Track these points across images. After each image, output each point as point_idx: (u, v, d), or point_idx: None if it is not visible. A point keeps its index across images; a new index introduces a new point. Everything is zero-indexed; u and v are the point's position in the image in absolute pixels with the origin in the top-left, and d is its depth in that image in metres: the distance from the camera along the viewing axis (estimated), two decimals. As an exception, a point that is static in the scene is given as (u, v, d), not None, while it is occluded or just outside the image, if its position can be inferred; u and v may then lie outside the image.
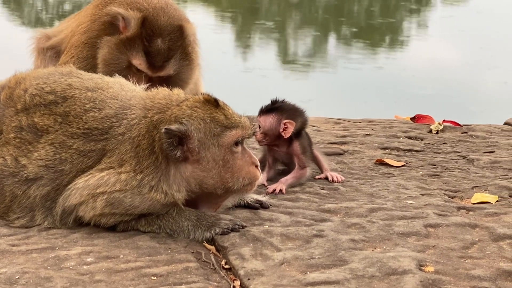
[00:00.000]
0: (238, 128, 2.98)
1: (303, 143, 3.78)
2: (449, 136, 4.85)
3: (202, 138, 2.92)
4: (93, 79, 3.28)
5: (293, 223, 3.13)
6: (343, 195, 3.57)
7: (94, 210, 2.96)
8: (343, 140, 4.67)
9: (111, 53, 4.08)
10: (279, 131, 3.69)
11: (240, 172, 2.99)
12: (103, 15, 4.19)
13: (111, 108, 3.09)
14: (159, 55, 4.06)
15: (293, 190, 3.60)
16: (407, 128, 5.01)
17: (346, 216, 3.26)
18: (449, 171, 4.05)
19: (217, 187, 2.98)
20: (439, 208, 3.40)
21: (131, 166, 2.94)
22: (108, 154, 3.01)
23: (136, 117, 3.01)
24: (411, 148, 4.52)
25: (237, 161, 2.99)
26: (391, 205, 3.39)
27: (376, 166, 4.13)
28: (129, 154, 2.96)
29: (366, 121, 5.28)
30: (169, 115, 2.95)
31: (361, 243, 2.96)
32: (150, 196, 2.93)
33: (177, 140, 2.89)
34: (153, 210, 2.98)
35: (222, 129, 2.95)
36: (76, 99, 3.14)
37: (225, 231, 2.98)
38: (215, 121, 2.95)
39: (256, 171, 3.05)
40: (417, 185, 3.77)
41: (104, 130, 3.05)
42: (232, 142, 2.97)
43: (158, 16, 4.10)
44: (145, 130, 2.96)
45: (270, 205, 3.33)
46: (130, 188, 2.92)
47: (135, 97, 3.12)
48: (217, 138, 2.94)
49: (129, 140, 2.97)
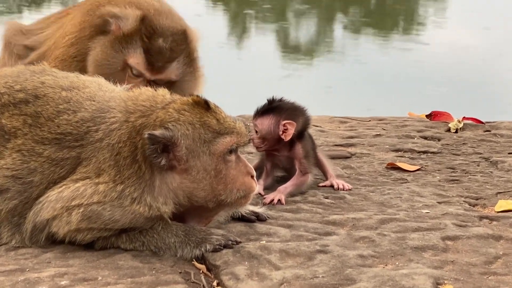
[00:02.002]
0: (233, 134, 2.97)
1: (306, 145, 3.78)
2: (469, 136, 4.85)
3: (191, 145, 2.92)
4: (68, 77, 3.28)
5: (294, 238, 3.13)
6: (350, 205, 3.57)
7: (69, 225, 2.95)
8: (350, 141, 4.67)
9: (105, 52, 4.07)
10: (279, 133, 3.70)
11: (234, 184, 2.99)
12: (95, 18, 4.18)
13: (87, 111, 3.09)
14: (160, 55, 4.06)
15: (293, 199, 3.60)
16: (423, 127, 5.01)
17: (354, 228, 3.26)
18: (470, 176, 4.06)
19: (208, 199, 2.98)
20: (459, 218, 3.40)
21: (110, 176, 2.94)
22: (84, 162, 3.01)
23: (117, 121, 3.00)
24: (427, 150, 4.52)
25: (231, 171, 2.99)
26: (404, 216, 3.39)
27: (387, 171, 4.14)
28: (108, 163, 2.96)
29: (375, 119, 5.28)
30: (154, 119, 2.94)
31: (370, 259, 2.96)
32: (132, 209, 2.93)
33: (162, 147, 2.89)
34: (136, 224, 2.98)
35: (214, 135, 2.95)
36: (49, 98, 3.15)
37: (217, 247, 2.98)
38: (205, 126, 2.94)
39: (252, 182, 3.05)
40: (434, 192, 3.77)
41: (79, 136, 3.04)
42: (225, 150, 2.96)
43: (160, 16, 4.12)
44: (126, 136, 2.96)
45: (268, 217, 3.33)
46: (110, 200, 2.92)
47: (115, 98, 3.11)
48: (208, 145, 2.94)
49: (108, 147, 2.97)
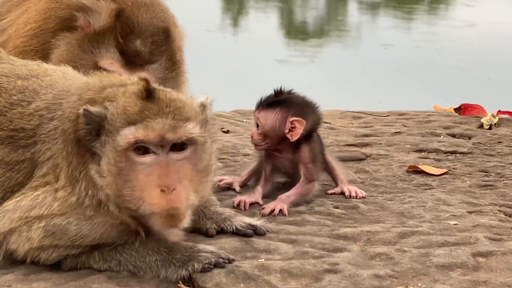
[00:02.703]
0: (138, 126, 2.86)
1: (314, 148, 3.78)
2: (505, 133, 4.85)
3: (107, 131, 2.87)
4: (28, 65, 3.29)
5: (298, 255, 3.12)
6: (365, 216, 3.56)
7: (30, 242, 2.95)
8: (365, 140, 4.67)
9: (71, 52, 4.04)
10: (284, 131, 3.70)
11: (141, 192, 2.88)
12: (60, 8, 4.17)
13: (42, 100, 3.09)
14: (138, 57, 4.06)
15: (297, 209, 3.59)
16: (450, 123, 5.02)
17: (368, 243, 3.25)
18: (505, 180, 4.05)
19: (119, 202, 2.89)
20: (492, 230, 3.39)
21: (66, 175, 2.93)
22: (40, 163, 3.00)
23: (72, 103, 2.99)
24: (455, 150, 4.52)
25: (139, 176, 2.88)
26: (428, 228, 3.38)
27: (408, 175, 4.13)
28: (62, 154, 2.95)
29: (395, 114, 5.29)
30: (103, 97, 2.93)
31: (388, 279, 2.95)
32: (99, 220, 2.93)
33: (97, 129, 2.87)
34: (109, 239, 2.98)
35: (123, 124, 2.87)
36: (2, 89, 3.16)
37: (206, 266, 2.97)
38: (124, 112, 2.88)
39: (159, 198, 2.84)
40: (463, 199, 3.76)
41: (32, 130, 3.04)
42: (126, 145, 2.86)
43: (139, 10, 4.09)
44: (75, 114, 2.93)
45: (267, 230, 3.31)
46: (72, 209, 2.92)
47: (76, 83, 3.11)
48: (114, 135, 2.87)
49: (62, 135, 2.96)
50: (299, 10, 14.93)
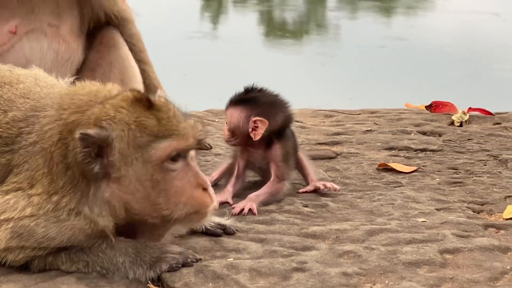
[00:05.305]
0: (173, 137, 2.91)
1: (287, 146, 3.77)
2: (476, 130, 4.87)
3: (124, 149, 2.87)
4: (0, 71, 3.27)
5: (267, 254, 3.12)
6: (334, 214, 3.56)
7: (-3, 243, 2.94)
8: (336, 139, 4.67)
9: None
10: (248, 130, 3.69)
11: (180, 197, 2.93)
12: None
13: (20, 110, 3.08)
14: None
15: (267, 209, 3.59)
16: (421, 120, 5.03)
17: (337, 242, 3.26)
18: (474, 177, 4.07)
19: (147, 214, 2.95)
20: (460, 227, 3.40)
21: (44, 186, 2.92)
22: (15, 170, 2.99)
23: (49, 121, 2.98)
24: (426, 148, 4.53)
25: (175, 182, 2.93)
26: (396, 225, 3.39)
27: (378, 173, 4.14)
28: (41, 170, 2.93)
29: (366, 112, 5.29)
30: (89, 115, 2.91)
31: (355, 277, 2.95)
32: (69, 224, 2.91)
33: (96, 150, 2.87)
34: (76, 242, 2.96)
35: (150, 139, 2.89)
36: None
37: (174, 266, 2.96)
38: (141, 127, 2.88)
39: (204, 197, 2.97)
40: (432, 197, 3.78)
41: (10, 139, 3.03)
42: (163, 157, 2.90)
43: None
44: (57, 136, 2.93)
45: (236, 230, 3.32)
46: (44, 213, 2.90)
47: (52, 94, 3.10)
48: (142, 151, 2.89)
49: (42, 152, 2.95)
50: (278, 9, 14.93)
